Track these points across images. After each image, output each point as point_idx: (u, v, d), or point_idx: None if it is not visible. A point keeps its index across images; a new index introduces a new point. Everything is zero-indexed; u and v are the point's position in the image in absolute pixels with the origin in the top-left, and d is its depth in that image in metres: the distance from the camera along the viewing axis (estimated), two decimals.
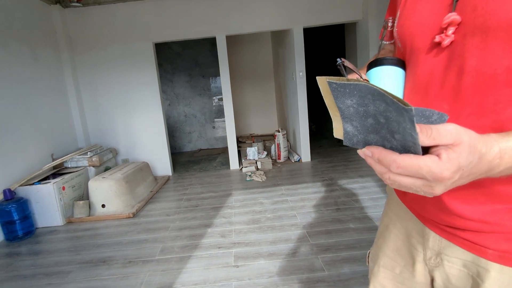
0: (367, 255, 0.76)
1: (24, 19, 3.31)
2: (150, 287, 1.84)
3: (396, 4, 0.57)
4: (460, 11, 0.41)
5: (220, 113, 6.11)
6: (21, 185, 2.82)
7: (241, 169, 4.31)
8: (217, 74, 5.86)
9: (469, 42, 0.41)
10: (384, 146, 0.36)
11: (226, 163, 4.74)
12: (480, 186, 0.43)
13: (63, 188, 2.95)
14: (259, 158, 4.36)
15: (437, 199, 0.48)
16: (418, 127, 0.32)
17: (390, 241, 0.66)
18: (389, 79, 0.51)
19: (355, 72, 0.48)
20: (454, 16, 0.41)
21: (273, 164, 4.40)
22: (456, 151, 0.32)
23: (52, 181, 2.90)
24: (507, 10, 0.37)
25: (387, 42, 0.57)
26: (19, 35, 3.20)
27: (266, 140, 5.23)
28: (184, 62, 5.92)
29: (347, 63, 0.46)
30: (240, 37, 5.59)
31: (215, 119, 6.19)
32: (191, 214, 2.91)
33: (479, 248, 0.47)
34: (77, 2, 3.72)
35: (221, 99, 5.99)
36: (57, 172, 3.29)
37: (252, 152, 4.39)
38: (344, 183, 3.33)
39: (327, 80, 0.39)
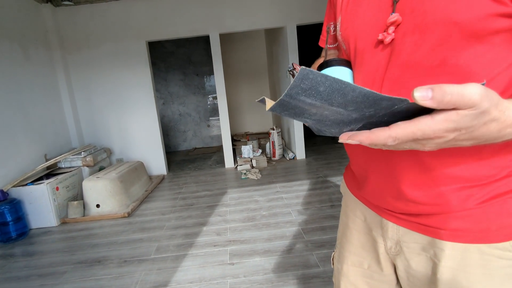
0: (332, 257, 0.77)
1: (15, 18, 3.26)
2: (145, 286, 1.84)
3: (335, 11, 0.61)
4: (400, 12, 0.46)
5: (214, 111, 6.10)
6: (14, 186, 2.79)
7: (236, 167, 4.31)
8: (211, 72, 5.85)
9: (409, 39, 0.45)
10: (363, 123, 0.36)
11: (221, 161, 4.73)
12: (428, 170, 0.47)
13: (57, 189, 2.93)
14: (254, 156, 4.37)
15: (394, 189, 0.52)
16: (430, 88, 0.29)
17: (353, 239, 0.68)
18: (343, 79, 0.52)
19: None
20: (397, 17, 0.45)
21: (268, 162, 4.41)
22: (460, 114, 0.30)
23: (46, 181, 2.88)
24: (440, 10, 0.41)
25: (331, 46, 0.60)
26: (10, 34, 3.16)
27: (261, 138, 5.23)
28: (177, 61, 5.89)
29: (298, 67, 0.48)
30: (233, 35, 5.58)
31: (210, 118, 6.18)
32: (187, 212, 2.91)
33: (432, 230, 0.50)
34: (68, 0, 3.68)
35: (215, 98, 5.98)
36: (51, 172, 3.26)
37: (247, 150, 4.40)
38: (338, 180, 3.35)
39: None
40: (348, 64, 0.55)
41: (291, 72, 0.48)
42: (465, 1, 0.39)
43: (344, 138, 0.36)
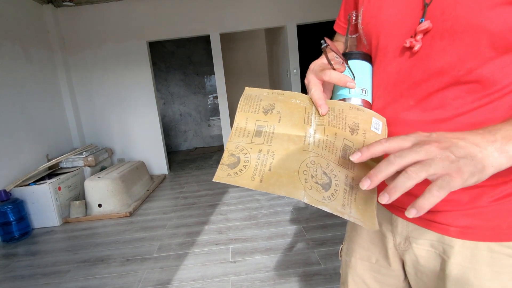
0: (340, 250, 0.78)
1: (16, 20, 3.28)
2: (148, 284, 1.85)
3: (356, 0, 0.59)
4: (430, 14, 0.44)
5: (215, 111, 6.11)
6: (16, 186, 2.81)
7: None
8: (211, 72, 5.86)
9: (437, 44, 0.44)
10: None
11: None
12: None
13: (59, 189, 2.94)
14: None
15: None
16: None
17: (362, 233, 0.67)
18: (364, 73, 0.53)
19: (339, 56, 0.49)
20: (428, 24, 0.44)
21: None
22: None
23: (48, 181, 2.90)
24: (473, 17, 0.40)
25: (352, 36, 0.57)
26: (12, 35, 3.17)
27: None
28: (178, 61, 5.91)
29: (331, 45, 0.47)
30: (234, 35, 5.59)
31: (210, 118, 6.19)
32: (188, 212, 2.92)
33: (442, 227, 0.50)
34: (69, 1, 3.70)
35: (216, 97, 5.99)
36: (53, 172, 3.28)
37: None
38: None
39: None
40: (369, 58, 0.54)
41: (323, 50, 0.47)
42: (501, 10, 0.38)
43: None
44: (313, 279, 1.76)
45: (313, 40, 5.87)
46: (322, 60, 0.53)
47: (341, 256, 0.76)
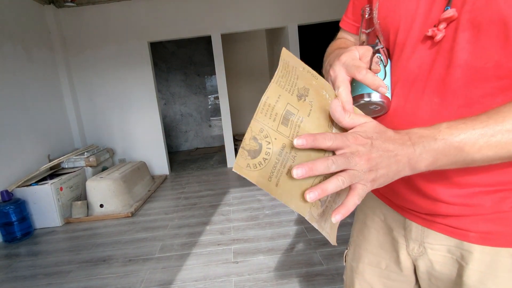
0: (344, 255, 0.75)
1: (18, 20, 3.28)
2: (150, 284, 1.85)
3: None
4: (452, 6, 0.42)
5: (216, 111, 6.11)
6: (18, 186, 2.81)
7: None
8: (212, 72, 5.86)
9: (460, 36, 0.41)
10: None
11: (223, 161, 4.75)
12: (461, 170, 0.44)
13: (61, 189, 2.94)
14: None
15: (421, 188, 0.49)
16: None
17: (371, 238, 0.65)
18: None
19: (384, 57, 0.49)
20: (453, 12, 0.41)
21: None
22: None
23: (50, 182, 2.90)
24: (498, 7, 0.37)
25: (366, 31, 0.55)
26: (13, 36, 3.18)
27: None
28: (179, 61, 5.91)
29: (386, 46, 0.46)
30: (235, 35, 5.59)
31: (211, 118, 6.19)
32: (190, 212, 2.92)
33: (461, 233, 0.48)
34: (71, 2, 3.70)
35: (216, 98, 5.99)
36: (54, 173, 3.28)
37: None
38: None
39: None
40: (388, 53, 0.52)
41: (377, 51, 0.46)
42: None
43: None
44: (316, 279, 1.76)
45: (314, 40, 5.86)
46: (354, 53, 0.49)
47: (345, 261, 0.74)
